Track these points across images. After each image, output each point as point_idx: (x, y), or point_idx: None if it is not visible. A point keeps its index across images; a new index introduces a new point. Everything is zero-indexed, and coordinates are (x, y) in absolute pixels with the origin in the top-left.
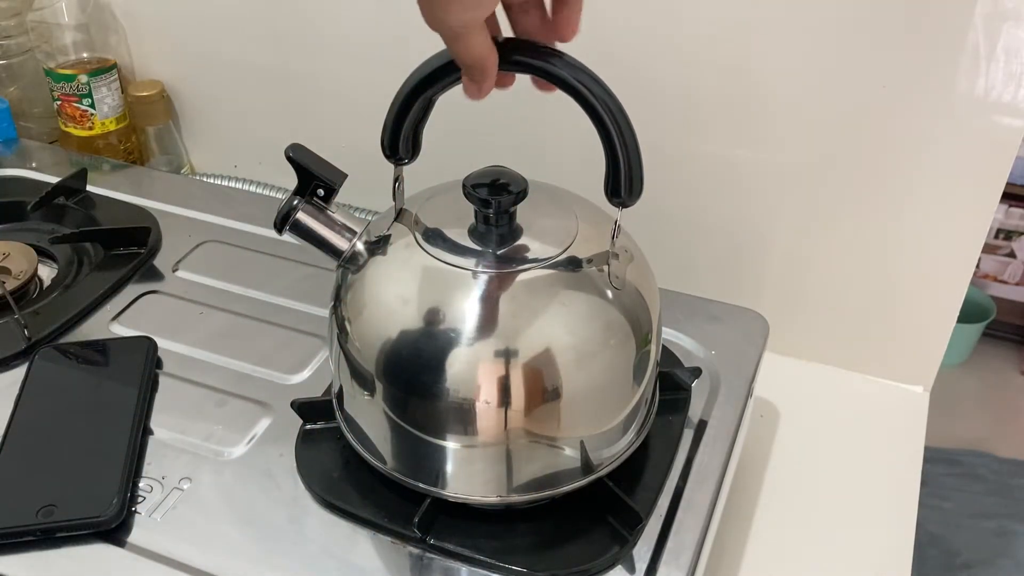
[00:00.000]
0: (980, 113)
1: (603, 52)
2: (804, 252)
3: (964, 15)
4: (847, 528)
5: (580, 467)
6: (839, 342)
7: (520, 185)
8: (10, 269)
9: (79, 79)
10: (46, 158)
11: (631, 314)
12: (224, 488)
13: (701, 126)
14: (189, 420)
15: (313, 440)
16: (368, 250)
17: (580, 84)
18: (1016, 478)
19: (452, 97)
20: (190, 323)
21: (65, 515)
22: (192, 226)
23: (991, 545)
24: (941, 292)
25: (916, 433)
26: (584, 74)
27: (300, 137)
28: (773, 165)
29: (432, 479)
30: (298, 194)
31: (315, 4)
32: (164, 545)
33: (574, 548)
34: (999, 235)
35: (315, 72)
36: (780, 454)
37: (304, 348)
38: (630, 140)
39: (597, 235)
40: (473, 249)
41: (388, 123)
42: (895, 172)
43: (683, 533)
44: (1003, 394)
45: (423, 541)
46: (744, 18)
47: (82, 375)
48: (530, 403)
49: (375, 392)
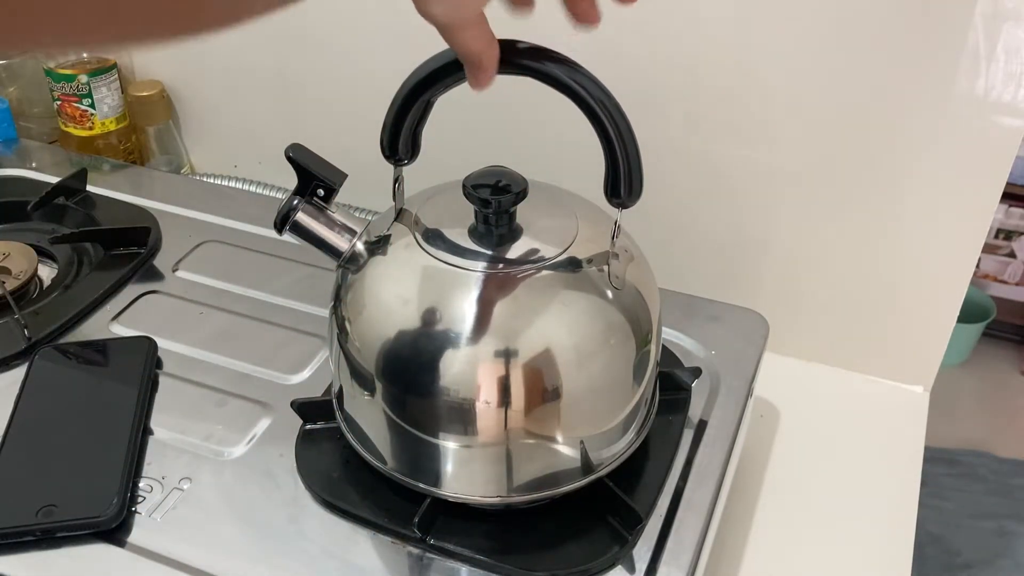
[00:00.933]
0: (980, 113)
1: (603, 52)
2: (804, 252)
3: (964, 15)
4: (847, 528)
5: (580, 467)
6: (839, 342)
7: (520, 185)
8: (10, 269)
9: (79, 79)
10: (46, 158)
11: (631, 314)
12: (224, 488)
13: (701, 126)
14: (189, 420)
15: (313, 440)
16: (368, 250)
17: (578, 85)
18: (1016, 478)
19: (452, 97)
20: (190, 323)
21: (65, 515)
22: (192, 226)
23: (991, 545)
24: (941, 292)
25: (916, 433)
26: (581, 75)
27: (300, 137)
28: (773, 165)
29: (432, 479)
30: (298, 194)
31: (315, 5)
32: (164, 545)
33: (574, 548)
34: (999, 235)
35: (315, 72)
36: (780, 454)
37: (304, 348)
38: (629, 141)
39: (597, 235)
40: (473, 249)
41: (387, 123)
42: (895, 172)
43: (683, 533)
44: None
45: (423, 541)
46: (744, 18)
47: (82, 375)
48: (530, 403)
49: (375, 392)
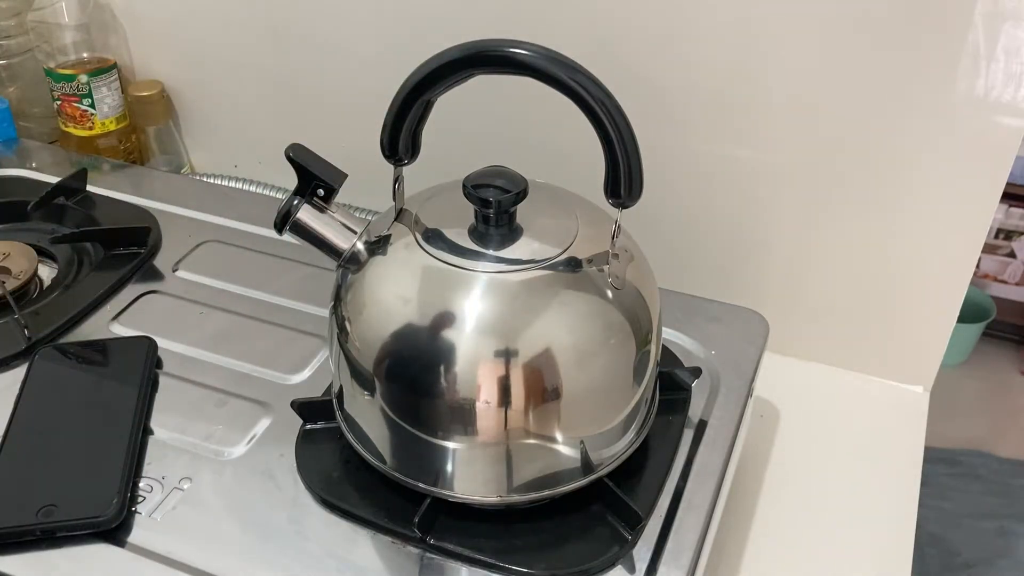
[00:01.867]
0: (980, 113)
1: (603, 52)
2: (804, 252)
3: (964, 15)
4: (847, 528)
5: (580, 467)
6: (839, 342)
7: (520, 185)
8: (10, 269)
9: (79, 79)
10: (46, 158)
11: (631, 314)
12: (224, 488)
13: (701, 126)
14: (189, 420)
15: (313, 440)
16: (368, 250)
17: (578, 86)
18: (1016, 478)
19: (452, 97)
20: (190, 323)
21: (65, 515)
22: (192, 226)
23: (991, 545)
24: (941, 292)
25: (916, 433)
26: (582, 75)
27: (300, 137)
28: (773, 165)
29: (432, 479)
30: (298, 194)
31: (315, 4)
32: (164, 545)
33: (574, 548)
34: (999, 235)
35: (315, 72)
36: (780, 454)
37: (304, 348)
38: (629, 141)
39: (597, 235)
40: (473, 249)
41: (387, 123)
42: (895, 172)
43: (683, 533)
44: (1003, 394)
45: (423, 541)
46: (744, 18)
47: (82, 375)
48: (530, 403)
49: (375, 392)
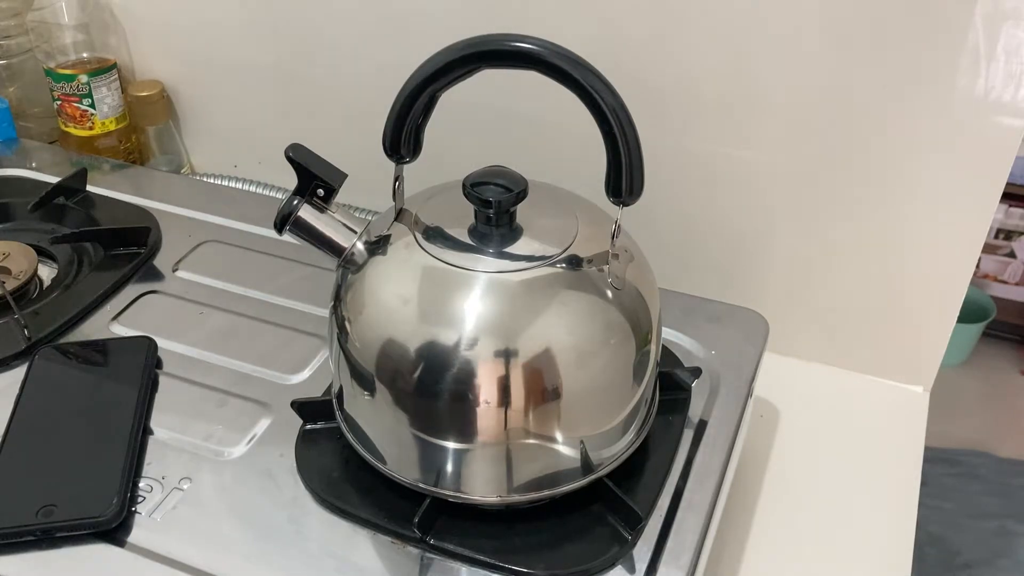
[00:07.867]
0: (980, 113)
1: (603, 52)
2: (804, 252)
3: (964, 15)
4: (847, 528)
5: (580, 467)
6: (839, 342)
7: (520, 185)
8: (10, 269)
9: (79, 79)
10: (46, 158)
11: (631, 314)
12: (224, 488)
13: (701, 126)
14: (189, 420)
15: (313, 440)
16: (368, 250)
17: (584, 80)
18: (1016, 478)
19: (453, 96)
20: (190, 323)
21: (65, 515)
22: (192, 226)
23: (991, 545)
24: (941, 292)
25: (916, 433)
26: (588, 71)
27: (300, 137)
28: (773, 165)
29: (432, 479)
30: (298, 194)
31: (315, 4)
32: (164, 545)
33: (574, 548)
34: (999, 235)
35: (315, 72)
36: (780, 454)
37: (304, 348)
38: (632, 138)
39: (597, 235)
40: (473, 249)
41: (390, 121)
42: (895, 172)
43: (683, 533)
44: (1003, 394)
45: (423, 541)
46: (744, 17)
47: (82, 375)
48: (530, 403)
49: (375, 392)
